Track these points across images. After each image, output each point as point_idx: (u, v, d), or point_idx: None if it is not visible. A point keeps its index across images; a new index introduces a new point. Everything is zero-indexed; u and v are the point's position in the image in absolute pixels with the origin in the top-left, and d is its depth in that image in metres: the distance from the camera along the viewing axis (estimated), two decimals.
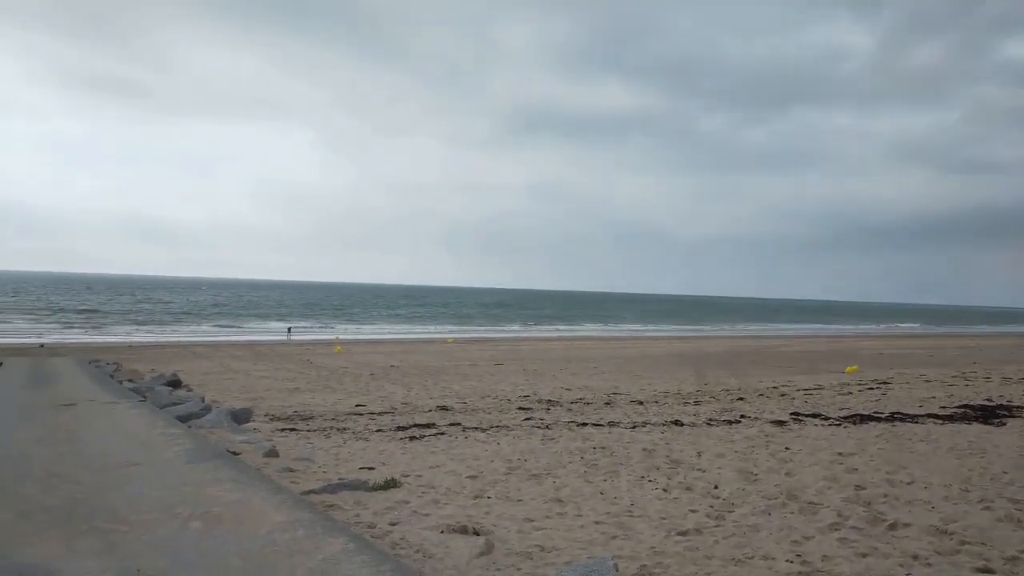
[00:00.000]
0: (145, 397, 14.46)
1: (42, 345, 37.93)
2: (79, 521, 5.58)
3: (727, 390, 19.72)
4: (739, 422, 13.41)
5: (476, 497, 7.56)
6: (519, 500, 7.49)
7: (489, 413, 15.04)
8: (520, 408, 15.85)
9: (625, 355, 36.18)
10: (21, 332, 51.12)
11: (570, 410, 15.58)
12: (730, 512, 7.08)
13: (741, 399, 17.55)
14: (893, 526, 6.57)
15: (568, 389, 20.02)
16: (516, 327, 79.77)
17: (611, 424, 13.22)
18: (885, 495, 7.72)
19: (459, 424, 13.23)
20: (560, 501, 7.49)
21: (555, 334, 68.43)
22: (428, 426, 12.95)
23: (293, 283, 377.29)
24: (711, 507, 7.27)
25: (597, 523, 6.65)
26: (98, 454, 8.26)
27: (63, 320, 65.12)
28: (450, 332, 65.94)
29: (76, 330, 55.60)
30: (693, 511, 7.11)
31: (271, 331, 61.53)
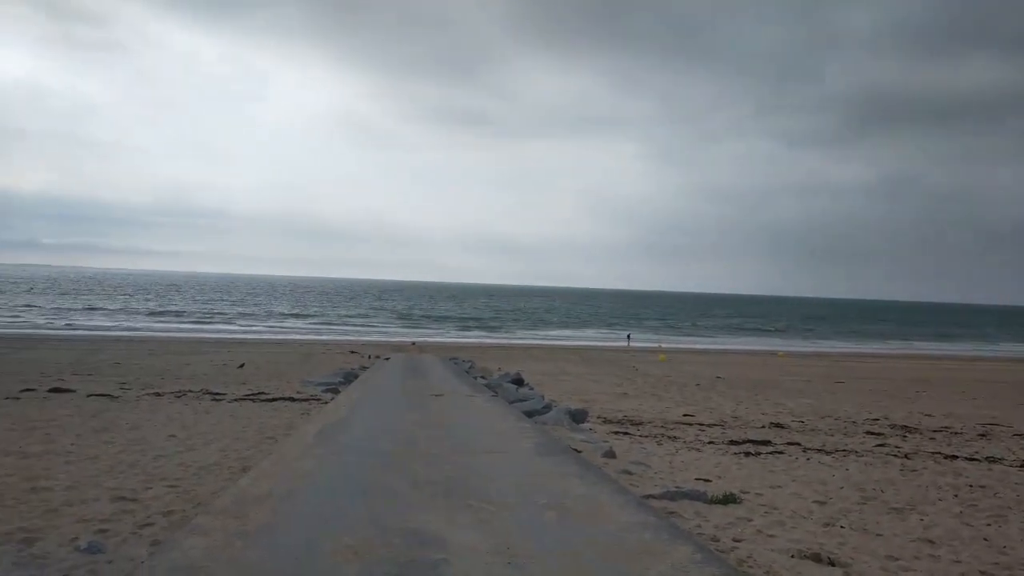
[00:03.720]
0: (496, 392, 16.15)
1: (413, 343, 44.68)
2: (456, 497, 6.42)
3: None
4: None
5: (827, 525, 6.98)
6: (878, 534, 6.73)
7: (832, 435, 13.81)
8: (869, 432, 14.27)
9: (1003, 379, 30.41)
10: (398, 333, 60.83)
11: (933, 439, 13.58)
12: None
13: None
14: None
15: (928, 415, 17.48)
16: (854, 343, 72.12)
17: (991, 460, 11.21)
18: None
19: (798, 444, 12.37)
20: (931, 542, 6.55)
21: (906, 350, 60.34)
22: (763, 443, 12.34)
23: (619, 291, 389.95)
24: None
25: (983, 573, 5.68)
26: (465, 439, 9.43)
27: (425, 323, 75.90)
28: (779, 345, 62.13)
29: (437, 331, 64.42)
30: None
31: (597, 337, 64.37)
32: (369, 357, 30.06)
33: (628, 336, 60.79)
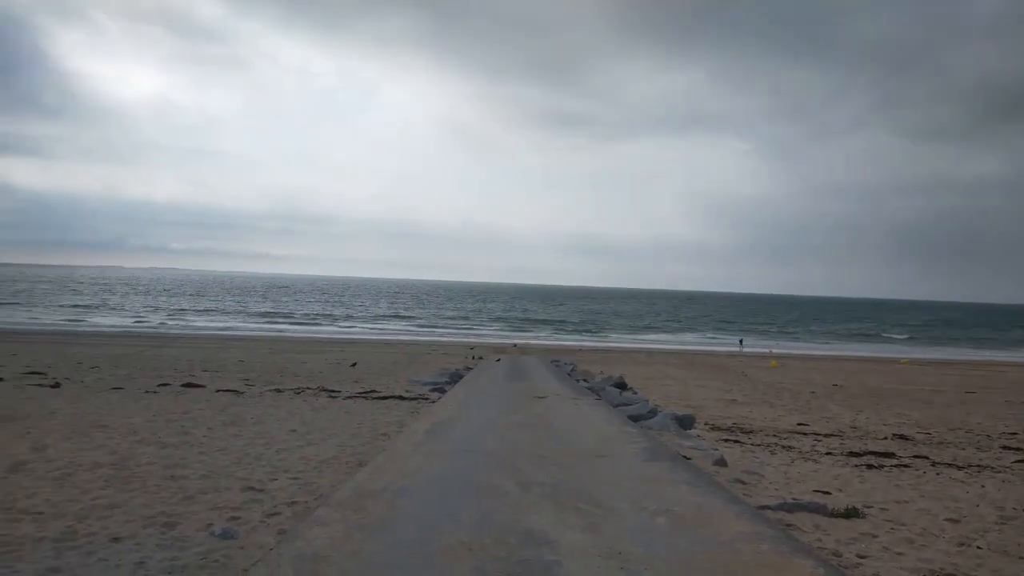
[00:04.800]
0: (599, 396, 16.05)
1: (515, 345, 45.09)
2: (564, 499, 6.43)
3: None
4: None
5: (961, 544, 6.50)
6: (1022, 557, 6.21)
7: (963, 449, 12.85)
8: (1006, 447, 13.18)
9: None
10: (499, 335, 61.57)
11: None
12: None
13: None
14: None
15: None
16: (987, 350, 66.74)
17: None
18: None
19: (926, 457, 11.59)
20: None
21: None
22: (887, 455, 11.63)
23: (726, 294, 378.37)
24: None
25: None
26: (571, 442, 9.43)
27: (526, 325, 76.40)
28: (902, 351, 58.44)
29: (538, 333, 64.71)
30: None
31: (702, 342, 62.77)
32: (472, 358, 30.58)
33: (740, 341, 59.03)
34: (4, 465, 7.89)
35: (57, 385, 15.72)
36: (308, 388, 17.01)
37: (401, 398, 15.74)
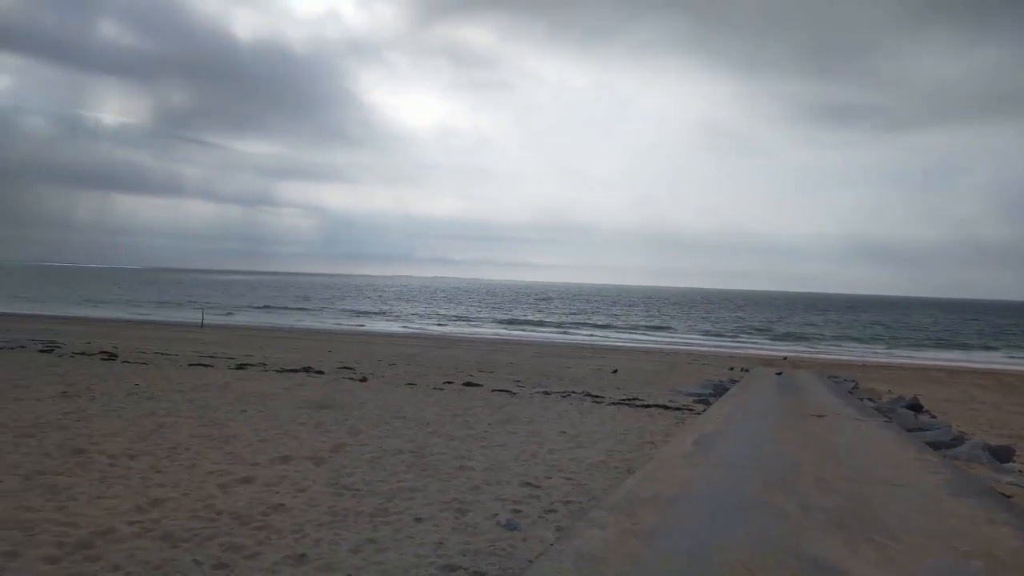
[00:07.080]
0: (889, 418, 14.43)
1: (785, 357, 42.05)
2: (853, 527, 5.91)
3: None
4: None
5: None
6: None
7: None
8: None
9: None
10: (765, 346, 58.31)
11: None
12: None
13: None
14: None
15: None
16: None
17: None
18: None
19: None
20: None
21: None
22: None
23: None
24: None
25: None
26: (857, 467, 8.62)
27: (794, 336, 71.21)
28: None
29: (809, 344, 59.99)
30: None
31: (1015, 360, 53.34)
32: (739, 370, 29.29)
33: None
34: (329, 446, 9.33)
35: (364, 379, 18.14)
36: (573, 392, 17.62)
37: (665, 407, 15.63)
